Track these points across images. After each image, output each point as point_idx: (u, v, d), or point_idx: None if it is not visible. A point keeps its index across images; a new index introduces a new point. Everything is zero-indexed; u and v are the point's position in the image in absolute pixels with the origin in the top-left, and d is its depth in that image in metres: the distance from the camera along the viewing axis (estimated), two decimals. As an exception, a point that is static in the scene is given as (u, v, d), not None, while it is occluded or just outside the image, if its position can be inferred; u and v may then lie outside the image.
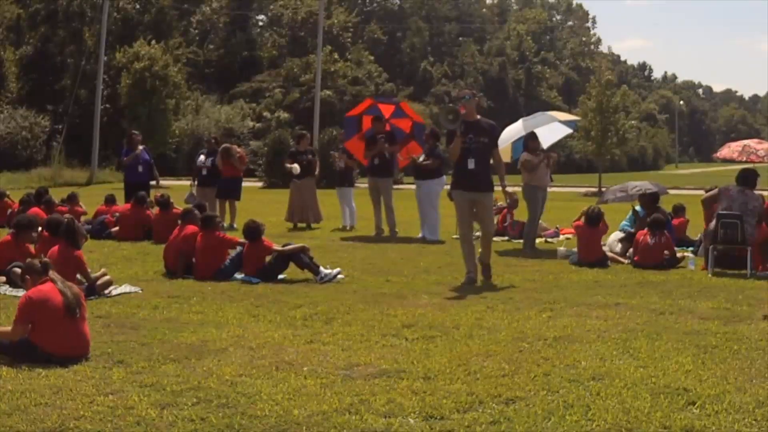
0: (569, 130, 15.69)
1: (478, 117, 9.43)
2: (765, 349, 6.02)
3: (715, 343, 6.16)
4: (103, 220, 13.71)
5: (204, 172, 15.69)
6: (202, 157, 15.93)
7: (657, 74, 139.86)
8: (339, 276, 9.30)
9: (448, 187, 15.03)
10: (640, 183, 12.66)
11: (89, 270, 8.18)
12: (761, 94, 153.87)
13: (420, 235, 13.90)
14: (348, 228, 15.54)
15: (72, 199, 14.46)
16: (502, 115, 32.94)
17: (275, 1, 68.78)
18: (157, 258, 10.34)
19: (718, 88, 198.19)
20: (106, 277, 8.29)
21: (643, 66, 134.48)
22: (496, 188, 9.56)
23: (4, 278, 8.55)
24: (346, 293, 8.40)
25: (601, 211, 11.30)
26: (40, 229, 9.55)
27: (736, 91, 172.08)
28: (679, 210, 13.68)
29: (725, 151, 14.42)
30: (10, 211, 13.88)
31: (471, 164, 9.20)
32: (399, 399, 4.73)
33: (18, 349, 5.48)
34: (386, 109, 15.03)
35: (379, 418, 4.44)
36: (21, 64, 46.43)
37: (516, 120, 14.47)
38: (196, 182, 15.88)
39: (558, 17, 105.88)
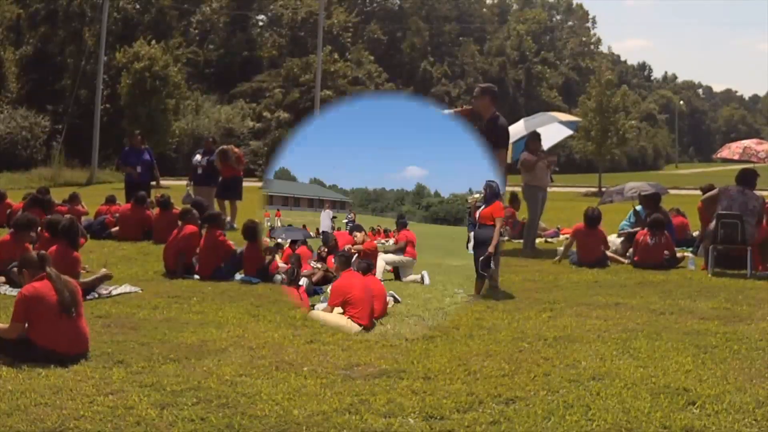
0: (570, 131, 15.71)
1: (497, 114, 9.00)
2: (765, 349, 6.02)
3: (715, 343, 6.16)
4: (103, 220, 13.71)
5: (199, 171, 15.60)
6: (198, 157, 15.85)
7: (657, 74, 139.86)
8: (339, 276, 9.27)
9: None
10: (637, 184, 12.67)
11: (82, 271, 8.18)
12: (761, 94, 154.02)
13: (420, 235, 13.89)
14: (348, 228, 15.53)
15: (74, 200, 14.46)
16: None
17: (275, 1, 68.83)
18: (157, 258, 10.34)
19: (718, 88, 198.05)
20: (104, 271, 8.33)
21: (643, 66, 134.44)
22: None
23: (3, 278, 8.55)
24: (346, 293, 8.37)
25: (600, 213, 11.28)
26: (39, 228, 9.55)
27: (736, 91, 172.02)
28: (679, 210, 13.68)
29: (725, 152, 14.43)
30: (9, 210, 13.87)
31: None
32: (399, 399, 4.73)
33: (17, 347, 5.48)
34: None
35: (379, 418, 4.44)
36: (21, 64, 46.48)
37: (516, 120, 14.46)
38: (192, 182, 15.85)
39: (558, 17, 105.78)
